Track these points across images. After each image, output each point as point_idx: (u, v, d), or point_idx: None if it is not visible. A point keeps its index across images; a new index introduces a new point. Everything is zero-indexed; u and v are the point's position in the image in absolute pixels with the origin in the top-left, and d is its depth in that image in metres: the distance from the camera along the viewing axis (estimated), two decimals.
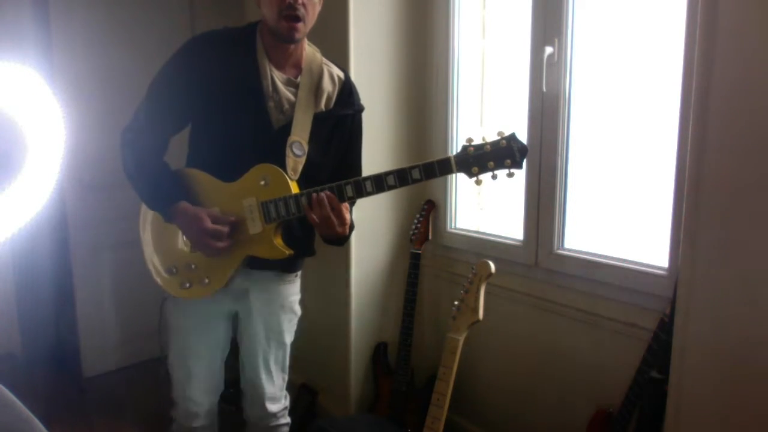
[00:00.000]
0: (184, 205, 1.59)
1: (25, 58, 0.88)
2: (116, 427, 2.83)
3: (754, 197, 1.31)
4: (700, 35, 1.35)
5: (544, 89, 2.04)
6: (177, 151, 1.73)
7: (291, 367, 1.91)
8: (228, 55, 1.61)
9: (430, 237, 2.48)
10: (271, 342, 1.81)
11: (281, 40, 1.58)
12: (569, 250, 2.11)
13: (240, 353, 1.86)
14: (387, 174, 1.50)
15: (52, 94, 0.88)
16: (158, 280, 1.71)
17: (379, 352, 2.55)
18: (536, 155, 2.13)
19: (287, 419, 1.92)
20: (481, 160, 1.48)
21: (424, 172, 1.49)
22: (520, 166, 1.47)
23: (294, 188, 1.58)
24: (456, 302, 1.74)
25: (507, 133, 1.47)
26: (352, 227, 1.66)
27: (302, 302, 1.88)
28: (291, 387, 2.76)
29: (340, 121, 1.70)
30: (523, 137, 2.13)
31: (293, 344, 1.89)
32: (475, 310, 1.70)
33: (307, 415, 2.64)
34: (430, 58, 2.52)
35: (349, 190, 1.53)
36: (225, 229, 1.57)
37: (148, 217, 1.72)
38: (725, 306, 1.37)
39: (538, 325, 2.17)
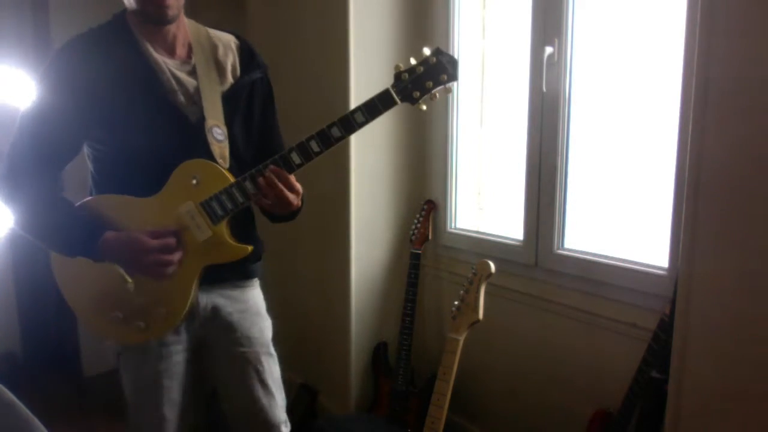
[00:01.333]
0: (112, 234, 1.35)
1: (24, 61, 0.88)
2: (116, 427, 2.82)
3: (754, 197, 1.31)
4: (700, 35, 1.35)
5: (544, 89, 2.04)
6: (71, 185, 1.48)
7: (291, 367, 1.88)
8: (108, 55, 1.38)
9: (430, 237, 2.48)
10: (262, 357, 1.58)
11: (153, 22, 1.37)
12: (569, 250, 2.11)
13: (220, 393, 1.61)
14: (330, 126, 1.36)
15: None
16: (107, 336, 1.48)
17: (379, 352, 2.55)
18: (536, 155, 2.13)
19: None
20: (418, 83, 1.39)
21: (368, 112, 1.37)
22: (455, 78, 1.41)
23: (230, 177, 1.40)
24: (456, 302, 1.74)
25: (431, 50, 1.40)
26: (303, 196, 1.48)
27: (302, 302, 1.86)
28: (291, 387, 2.76)
29: (253, 89, 1.52)
30: (523, 137, 2.16)
31: (293, 344, 1.87)
32: (475, 310, 1.70)
33: (307, 415, 2.64)
34: None
35: (296, 157, 1.36)
36: (171, 240, 1.35)
37: (61, 270, 1.50)
38: (725, 306, 1.37)
39: (538, 325, 2.17)
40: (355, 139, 2.33)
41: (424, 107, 1.42)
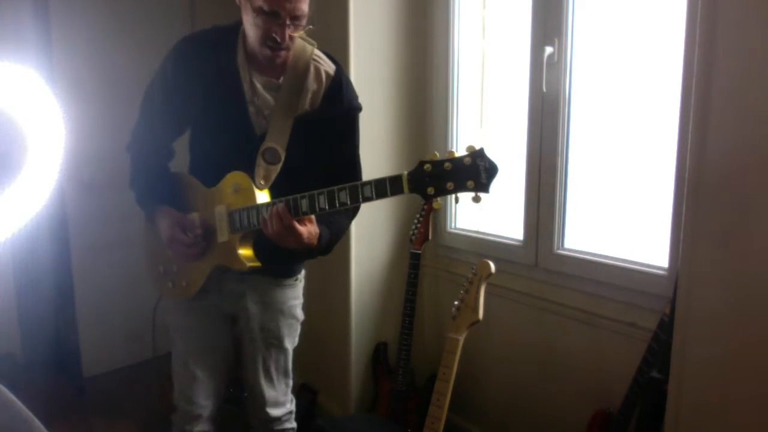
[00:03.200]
0: (164, 209, 1.61)
1: (25, 58, 0.88)
2: (116, 427, 2.82)
3: (753, 197, 1.31)
4: (700, 35, 1.35)
5: (544, 89, 2.04)
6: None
7: (291, 367, 1.89)
8: (210, 58, 1.56)
9: (430, 237, 2.47)
10: (271, 348, 1.75)
11: (263, 61, 1.52)
12: (569, 250, 2.11)
13: (241, 356, 1.82)
14: (340, 189, 1.38)
15: (52, 94, 0.88)
16: (150, 277, 1.75)
17: (379, 352, 2.55)
18: (536, 155, 2.13)
19: (292, 424, 1.86)
20: (437, 179, 1.27)
21: (376, 191, 1.34)
22: (486, 190, 1.26)
23: (262, 197, 1.52)
24: (456, 302, 1.74)
25: (476, 148, 1.26)
26: (332, 237, 1.56)
27: (303, 304, 1.86)
28: (292, 382, 2.76)
29: (328, 122, 1.59)
30: (523, 137, 2.16)
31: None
32: (475, 310, 1.70)
33: (307, 415, 2.64)
34: (430, 58, 2.52)
35: (304, 204, 1.42)
36: (189, 237, 1.57)
37: (147, 223, 1.75)
38: (725, 306, 1.37)
39: (538, 325, 2.17)
40: None
41: (439, 206, 1.34)
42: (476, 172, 1.24)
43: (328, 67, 1.59)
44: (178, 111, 1.61)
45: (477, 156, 1.25)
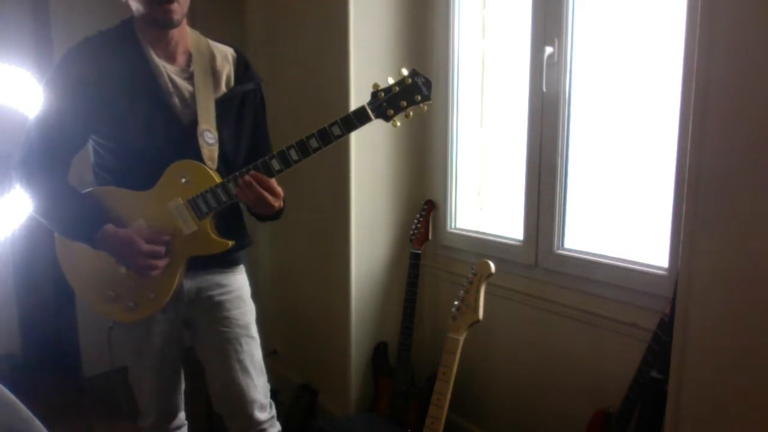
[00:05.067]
0: (111, 228, 1.50)
1: (25, 59, 0.88)
2: (116, 427, 2.82)
3: (754, 197, 1.31)
4: (700, 35, 1.35)
5: (544, 89, 2.04)
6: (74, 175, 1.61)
7: (291, 367, 1.89)
8: (113, 58, 1.50)
9: (430, 237, 2.48)
10: (242, 338, 1.69)
11: (160, 26, 1.48)
12: (569, 250, 2.11)
13: (205, 369, 1.73)
14: (309, 137, 1.47)
15: None
16: (99, 311, 1.62)
17: (379, 352, 2.55)
18: (536, 155, 2.13)
19: (277, 427, 1.78)
20: (393, 102, 1.48)
21: (344, 126, 1.47)
22: (428, 98, 1.49)
23: (217, 177, 1.53)
24: (456, 302, 1.74)
25: (408, 71, 1.48)
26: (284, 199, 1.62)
27: (303, 302, 1.87)
28: (291, 387, 2.77)
29: (245, 98, 1.65)
30: (523, 137, 2.16)
31: (293, 344, 1.88)
32: (475, 310, 1.70)
33: (307, 415, 2.65)
34: (430, 58, 2.52)
35: (275, 164, 1.49)
36: (161, 248, 1.51)
37: (65, 248, 1.64)
38: (725, 306, 1.37)
39: (538, 325, 2.17)
40: (355, 139, 2.33)
41: (398, 124, 1.51)
42: (418, 88, 1.48)
43: (227, 49, 1.66)
44: (84, 122, 1.51)
45: (414, 75, 1.48)
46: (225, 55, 1.63)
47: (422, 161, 2.58)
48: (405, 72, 1.48)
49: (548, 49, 2.01)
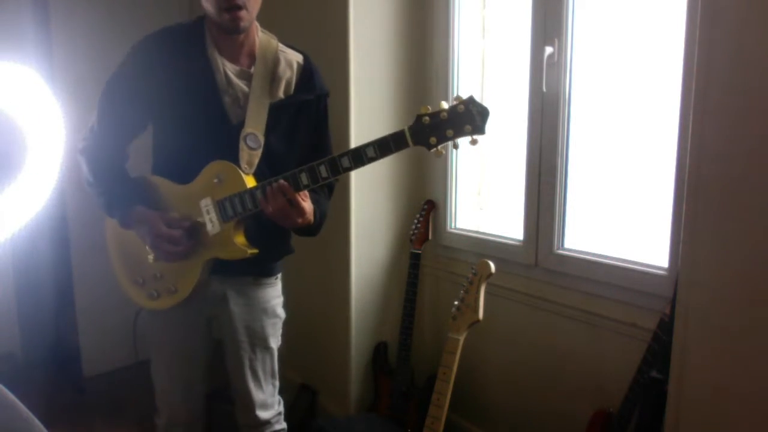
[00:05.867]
0: (140, 209, 1.55)
1: (25, 58, 0.88)
2: (116, 427, 2.83)
3: (754, 197, 1.31)
4: (700, 35, 1.35)
5: (544, 89, 2.04)
6: (143, 160, 1.70)
7: (291, 367, 1.89)
8: (178, 52, 1.55)
9: (430, 237, 2.48)
10: (256, 349, 1.73)
11: (227, 32, 1.51)
12: (569, 250, 2.11)
13: (225, 360, 1.78)
14: (341, 156, 1.43)
15: (52, 94, 0.88)
16: (127, 293, 1.68)
17: (379, 352, 2.55)
18: (536, 155, 2.13)
19: (282, 425, 1.84)
20: (438, 128, 1.36)
21: (379, 149, 1.40)
22: (482, 131, 1.36)
23: (249, 182, 1.52)
24: (456, 302, 1.74)
25: (464, 97, 1.36)
26: (322, 216, 1.61)
27: (303, 302, 1.87)
28: (291, 387, 2.76)
29: (303, 107, 1.63)
30: (523, 137, 2.16)
31: (293, 344, 1.88)
32: (475, 310, 1.70)
33: (307, 415, 2.65)
34: (430, 58, 2.52)
35: (304, 178, 1.45)
36: (177, 233, 1.51)
37: (109, 230, 1.69)
38: (725, 306, 1.37)
39: (538, 325, 2.17)
40: (355, 139, 2.33)
41: (441, 154, 1.41)
42: (471, 117, 1.35)
43: (296, 56, 1.65)
44: (143, 108, 1.57)
45: (469, 103, 1.35)
46: (290, 62, 1.62)
47: (422, 161, 2.58)
48: (460, 97, 1.37)
49: (548, 49, 2.01)
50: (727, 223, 1.35)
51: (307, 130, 1.65)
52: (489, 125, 1.35)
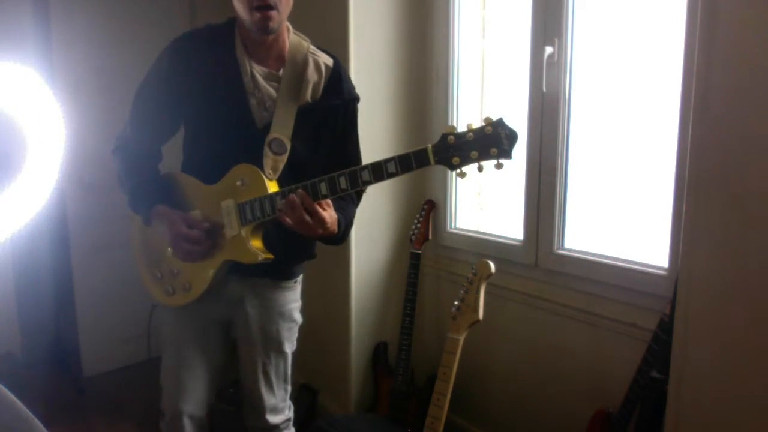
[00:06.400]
0: (162, 208, 1.57)
1: (25, 58, 0.88)
2: (116, 427, 2.83)
3: (754, 197, 1.31)
4: (701, 35, 1.35)
5: (544, 89, 2.04)
6: (176, 158, 1.72)
7: (291, 367, 1.89)
8: (208, 53, 1.55)
9: (430, 237, 2.48)
10: (270, 352, 1.72)
11: (257, 32, 1.48)
12: (569, 250, 2.11)
13: (238, 361, 1.77)
14: (362, 169, 1.40)
15: (52, 94, 0.88)
16: (146, 285, 1.69)
17: (379, 352, 2.55)
18: (536, 155, 2.13)
19: (291, 431, 1.82)
20: (462, 149, 1.31)
21: (400, 165, 1.37)
22: (508, 156, 1.29)
23: (271, 187, 1.50)
24: (456, 302, 1.74)
25: (494, 119, 1.31)
26: (348, 224, 1.59)
27: (303, 305, 1.86)
28: (291, 387, 2.76)
29: (330, 112, 1.60)
30: (523, 137, 2.16)
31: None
32: (475, 310, 1.70)
33: (307, 415, 2.64)
34: (430, 58, 2.52)
35: (323, 188, 1.42)
36: (196, 233, 1.52)
37: (135, 225, 1.70)
38: (725, 306, 1.37)
39: (538, 325, 2.17)
40: None
41: (464, 176, 1.34)
42: (498, 140, 1.29)
43: (326, 59, 1.61)
44: (174, 109, 1.59)
45: (498, 125, 1.30)
46: (319, 65, 1.59)
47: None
48: (491, 119, 1.31)
49: (548, 49, 2.01)
50: (726, 224, 1.35)
51: (333, 137, 1.62)
52: (516, 150, 1.30)
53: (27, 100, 0.85)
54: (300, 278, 1.78)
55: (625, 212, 2.04)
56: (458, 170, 1.33)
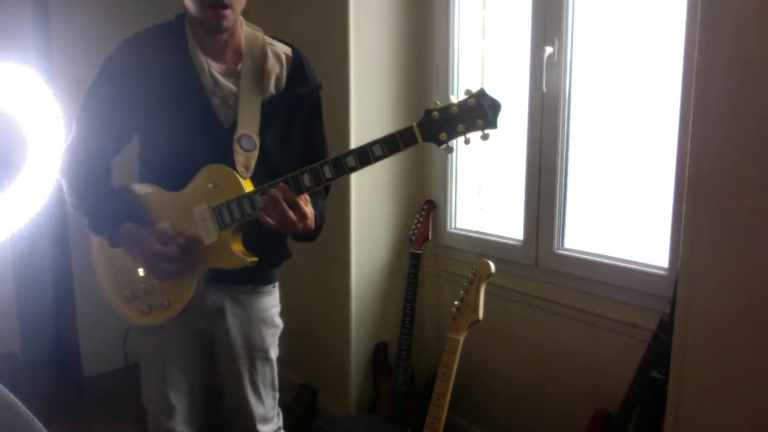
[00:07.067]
0: (128, 227, 1.46)
1: (25, 58, 0.88)
2: (116, 427, 2.82)
3: (754, 197, 1.31)
4: (700, 35, 1.35)
5: (544, 89, 2.04)
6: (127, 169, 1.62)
7: (291, 367, 1.88)
8: (159, 54, 1.46)
9: (430, 237, 2.48)
10: (257, 361, 1.63)
11: (210, 30, 1.42)
12: (569, 250, 2.11)
13: (220, 379, 1.68)
14: (346, 155, 1.34)
15: (52, 94, 0.88)
16: (116, 309, 1.59)
17: (379, 352, 2.55)
18: (536, 155, 2.13)
19: None
20: (448, 124, 1.29)
21: (387, 147, 1.32)
22: (494, 125, 1.29)
23: (247, 186, 1.43)
24: (456, 302, 1.74)
25: (474, 91, 1.29)
26: (322, 219, 1.52)
27: (302, 302, 1.85)
28: (291, 387, 2.76)
29: (296, 102, 1.53)
30: (523, 137, 2.16)
31: (293, 344, 1.86)
32: (475, 310, 1.70)
33: (307, 415, 2.64)
34: (430, 58, 2.52)
35: (307, 180, 1.35)
36: (173, 249, 1.42)
37: (94, 243, 1.60)
38: (725, 306, 1.36)
39: (538, 325, 2.17)
40: (355, 139, 2.33)
41: (452, 150, 1.34)
42: (483, 111, 1.28)
43: (284, 48, 1.55)
44: (127, 118, 1.48)
45: (480, 96, 1.29)
46: (278, 55, 1.53)
47: (422, 161, 2.58)
48: (471, 91, 1.30)
49: (548, 49, 2.01)
50: (726, 223, 1.35)
51: (302, 127, 1.56)
52: (501, 119, 1.30)
53: (27, 100, 0.85)
54: (278, 283, 1.69)
55: (625, 212, 2.04)
56: (445, 145, 1.31)
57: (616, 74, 2.01)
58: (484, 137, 1.31)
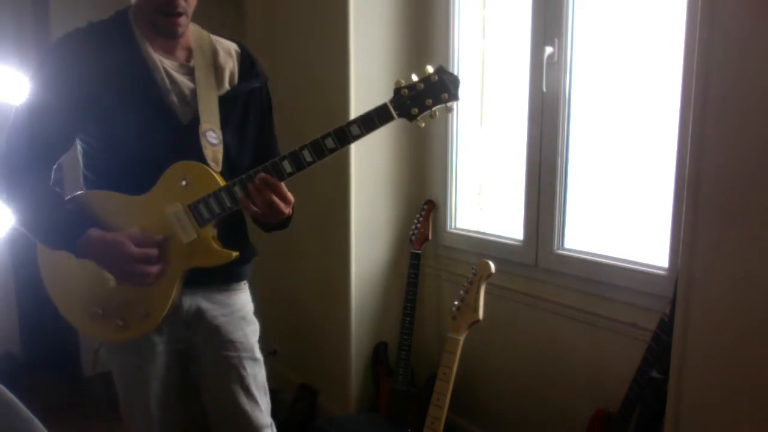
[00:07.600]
0: (97, 233, 1.35)
1: (25, 58, 0.88)
2: (116, 427, 2.82)
3: (754, 197, 1.31)
4: (701, 35, 1.35)
5: (544, 89, 2.04)
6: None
7: (291, 367, 1.87)
8: (106, 52, 1.38)
9: (430, 237, 2.48)
10: (246, 362, 1.55)
11: (163, 36, 1.40)
12: (569, 250, 2.11)
13: (203, 396, 1.60)
14: (324, 137, 1.34)
15: None
16: (86, 331, 1.49)
17: (379, 352, 2.55)
18: (536, 155, 2.13)
19: None
20: (417, 99, 1.36)
21: (364, 126, 1.34)
22: (456, 97, 1.37)
23: (221, 180, 1.39)
24: (456, 302, 1.74)
25: (433, 68, 1.36)
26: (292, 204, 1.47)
27: (302, 302, 1.85)
28: (291, 387, 2.77)
29: (250, 97, 1.52)
30: (523, 137, 2.17)
31: (293, 344, 1.86)
32: (475, 310, 1.70)
33: (307, 416, 2.65)
34: (430, 58, 2.52)
35: (287, 166, 1.35)
36: (153, 251, 1.36)
37: (45, 261, 1.49)
38: (725, 306, 1.37)
39: (538, 325, 2.17)
40: None
41: (423, 124, 1.40)
42: (445, 86, 1.36)
43: (231, 44, 1.55)
44: (70, 122, 1.39)
45: (441, 72, 1.36)
46: (228, 50, 1.52)
47: (422, 161, 2.58)
48: (430, 69, 1.36)
49: (548, 49, 2.01)
50: (727, 223, 1.35)
51: (257, 121, 1.55)
52: (461, 91, 1.40)
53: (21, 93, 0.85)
54: (247, 281, 1.63)
55: (625, 212, 2.04)
56: (417, 120, 1.38)
57: (616, 74, 2.01)
58: (448, 110, 1.39)
